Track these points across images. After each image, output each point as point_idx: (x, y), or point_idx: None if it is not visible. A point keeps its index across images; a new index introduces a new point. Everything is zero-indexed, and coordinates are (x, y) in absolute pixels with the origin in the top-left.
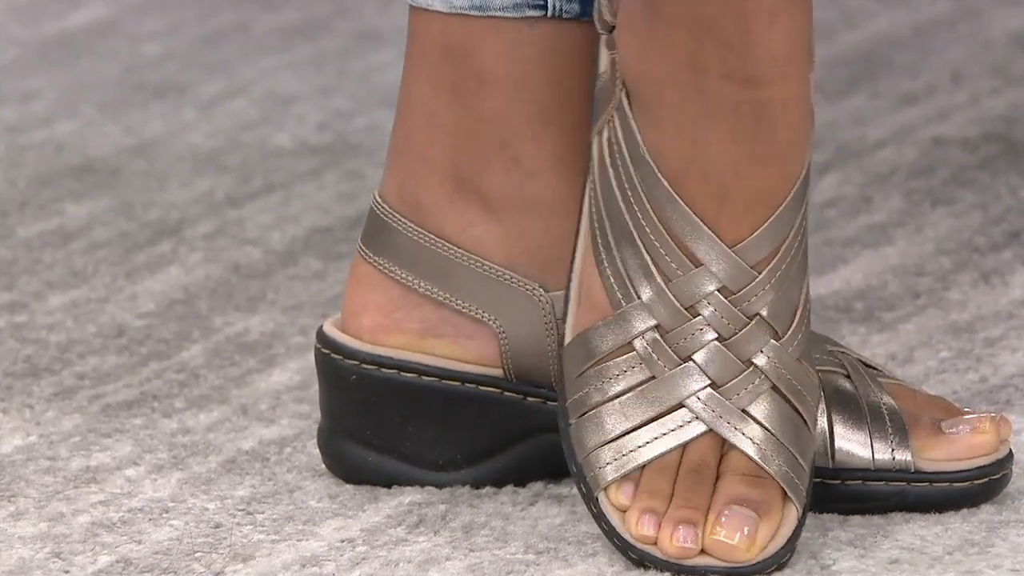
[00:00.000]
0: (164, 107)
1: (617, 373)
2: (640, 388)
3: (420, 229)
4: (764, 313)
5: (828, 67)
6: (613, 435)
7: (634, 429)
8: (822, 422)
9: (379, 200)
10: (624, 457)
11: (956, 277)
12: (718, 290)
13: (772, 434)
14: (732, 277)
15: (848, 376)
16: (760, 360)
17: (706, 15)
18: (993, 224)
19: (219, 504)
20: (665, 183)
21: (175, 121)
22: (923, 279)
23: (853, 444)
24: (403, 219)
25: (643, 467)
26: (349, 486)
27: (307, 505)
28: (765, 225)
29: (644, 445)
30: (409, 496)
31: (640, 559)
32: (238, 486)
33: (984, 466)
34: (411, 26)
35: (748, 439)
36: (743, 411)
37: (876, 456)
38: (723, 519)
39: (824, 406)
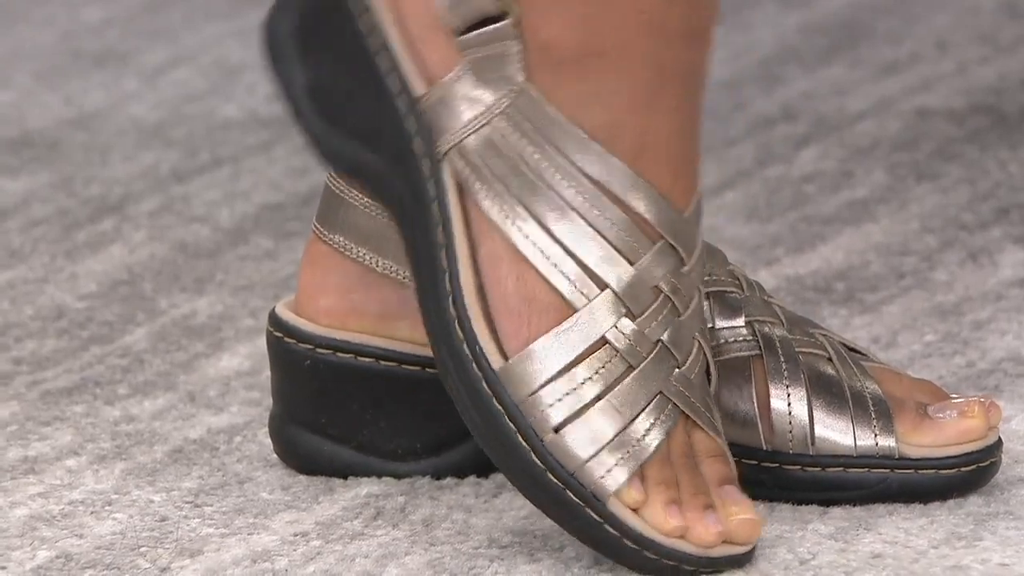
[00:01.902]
0: (105, 76)
1: (591, 375)
2: (623, 381)
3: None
4: (701, 284)
5: (806, 34)
6: (610, 436)
7: (629, 424)
8: (802, 407)
9: (334, 175)
10: (631, 453)
11: (942, 256)
12: (674, 266)
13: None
14: (688, 250)
15: (831, 360)
16: (699, 336)
17: None
18: (981, 200)
19: (165, 496)
20: (625, 165)
21: (117, 91)
22: (907, 258)
23: (834, 430)
24: (360, 195)
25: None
26: (303, 477)
27: (258, 497)
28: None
29: (644, 436)
30: (366, 488)
31: (666, 555)
32: (185, 477)
33: (972, 452)
34: None
35: (716, 421)
36: (704, 391)
37: (858, 442)
38: (731, 500)
39: (805, 391)
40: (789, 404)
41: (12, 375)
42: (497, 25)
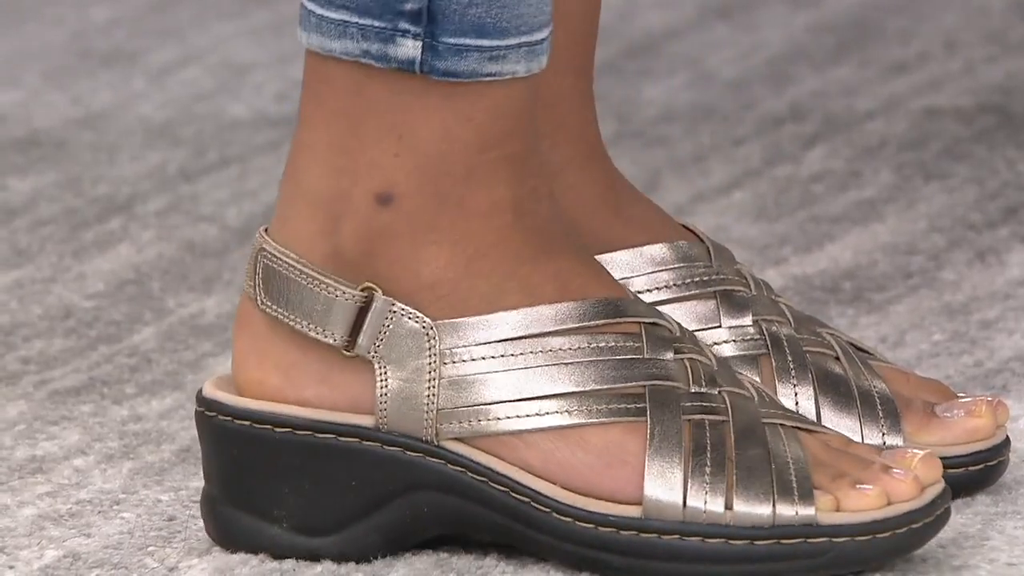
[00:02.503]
0: (113, 76)
1: (706, 456)
2: (727, 440)
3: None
4: None
5: (815, 34)
6: (768, 482)
7: (771, 460)
8: (809, 405)
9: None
10: (796, 478)
11: (950, 256)
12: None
13: None
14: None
15: (838, 359)
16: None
17: None
18: (989, 200)
19: (173, 496)
20: (544, 305)
21: (125, 91)
22: (915, 258)
23: (841, 429)
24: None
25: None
26: None
27: None
28: None
29: (787, 455)
30: None
31: (895, 525)
32: (193, 476)
33: (980, 452)
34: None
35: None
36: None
37: (866, 441)
38: (896, 455)
39: (812, 389)
40: (796, 403)
41: (20, 374)
42: (373, 308)
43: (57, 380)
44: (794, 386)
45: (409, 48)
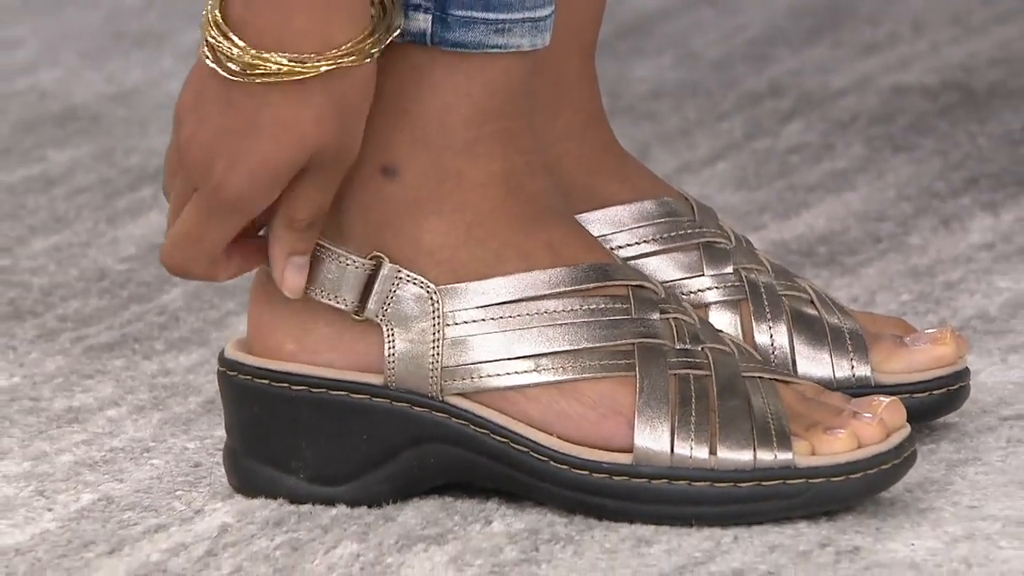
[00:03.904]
0: (144, 55)
1: (692, 408)
2: (711, 394)
3: None
4: None
5: (793, 17)
6: (749, 432)
7: (751, 411)
8: (783, 341)
9: None
10: (773, 426)
11: (916, 222)
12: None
13: None
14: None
15: (812, 302)
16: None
17: None
18: (952, 170)
19: (199, 444)
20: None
21: (155, 69)
22: (884, 224)
23: (813, 362)
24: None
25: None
26: None
27: None
28: None
29: (768, 410)
30: None
31: (866, 466)
32: (217, 426)
33: (943, 377)
34: None
35: (783, 372)
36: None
37: (836, 372)
38: (863, 404)
39: (787, 328)
40: (772, 339)
41: (58, 331)
42: (381, 274)
43: (92, 337)
44: (770, 327)
45: (420, 21)
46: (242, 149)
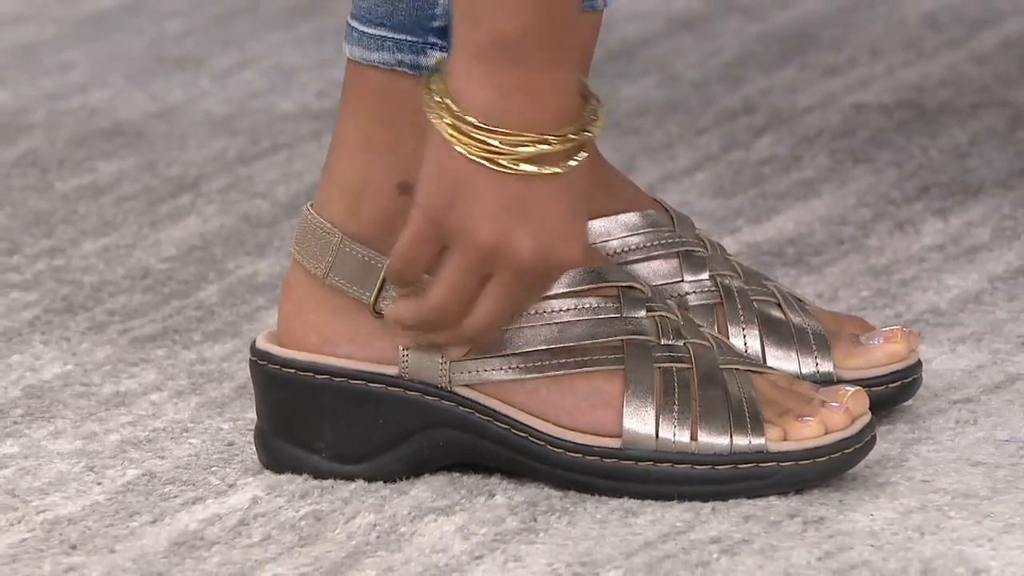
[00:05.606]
0: (184, 77)
1: (674, 399)
2: (692, 385)
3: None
4: None
5: (763, 42)
6: (727, 420)
7: (728, 401)
8: (755, 343)
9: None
10: (747, 413)
11: (875, 226)
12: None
13: None
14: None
15: (779, 305)
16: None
17: None
18: (907, 180)
19: (232, 425)
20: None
21: (193, 89)
22: (846, 228)
23: (782, 361)
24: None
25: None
26: None
27: None
28: None
29: (742, 399)
30: None
31: (832, 450)
32: (249, 409)
33: (897, 371)
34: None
35: (758, 363)
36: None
37: (802, 369)
38: (830, 393)
39: (758, 330)
40: (745, 342)
41: (107, 324)
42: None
43: (137, 329)
44: (743, 329)
45: (435, 58)
46: (556, 232)
